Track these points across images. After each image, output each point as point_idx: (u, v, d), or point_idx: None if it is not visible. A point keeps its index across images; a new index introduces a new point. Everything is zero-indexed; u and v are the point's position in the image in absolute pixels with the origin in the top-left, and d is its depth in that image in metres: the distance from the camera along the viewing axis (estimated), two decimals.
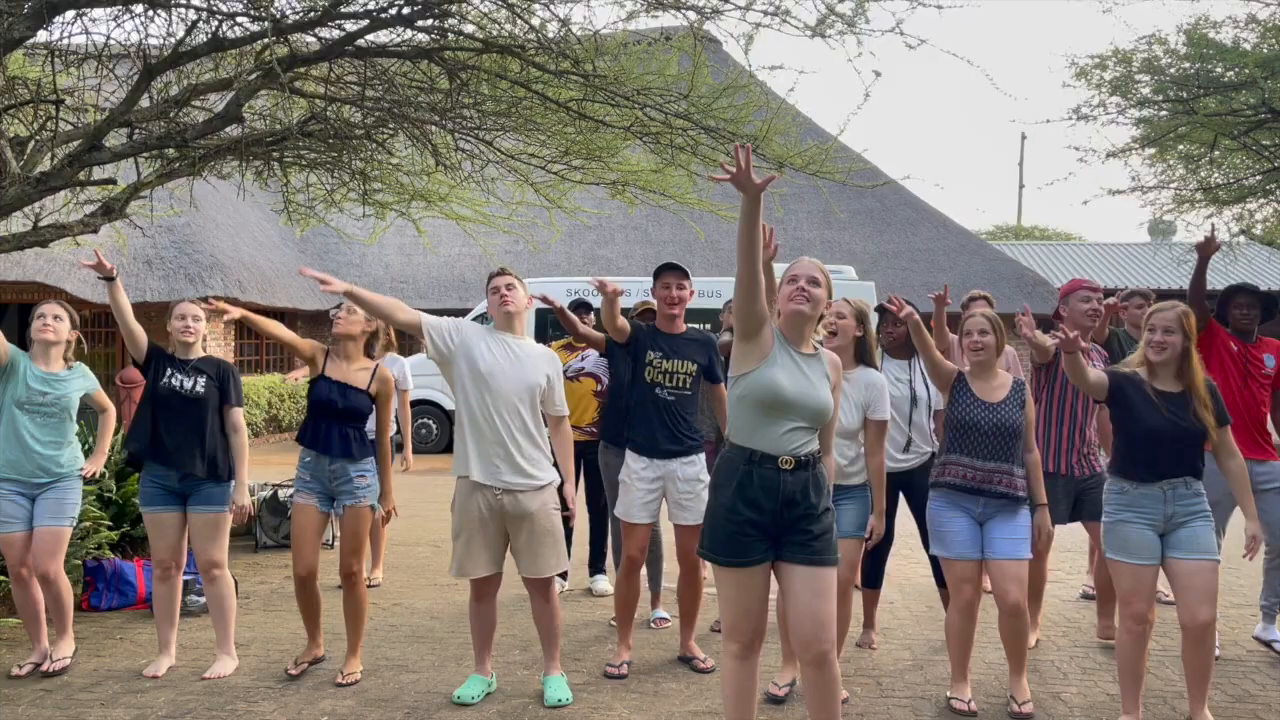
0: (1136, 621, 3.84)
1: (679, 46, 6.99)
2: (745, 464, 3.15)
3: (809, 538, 3.12)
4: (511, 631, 5.14)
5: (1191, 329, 3.87)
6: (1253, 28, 7.66)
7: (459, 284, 18.54)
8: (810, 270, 3.25)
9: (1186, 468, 3.82)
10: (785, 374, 3.14)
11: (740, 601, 3.15)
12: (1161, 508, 3.80)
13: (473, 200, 9.28)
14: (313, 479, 4.52)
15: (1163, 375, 3.89)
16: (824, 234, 19.66)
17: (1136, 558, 3.81)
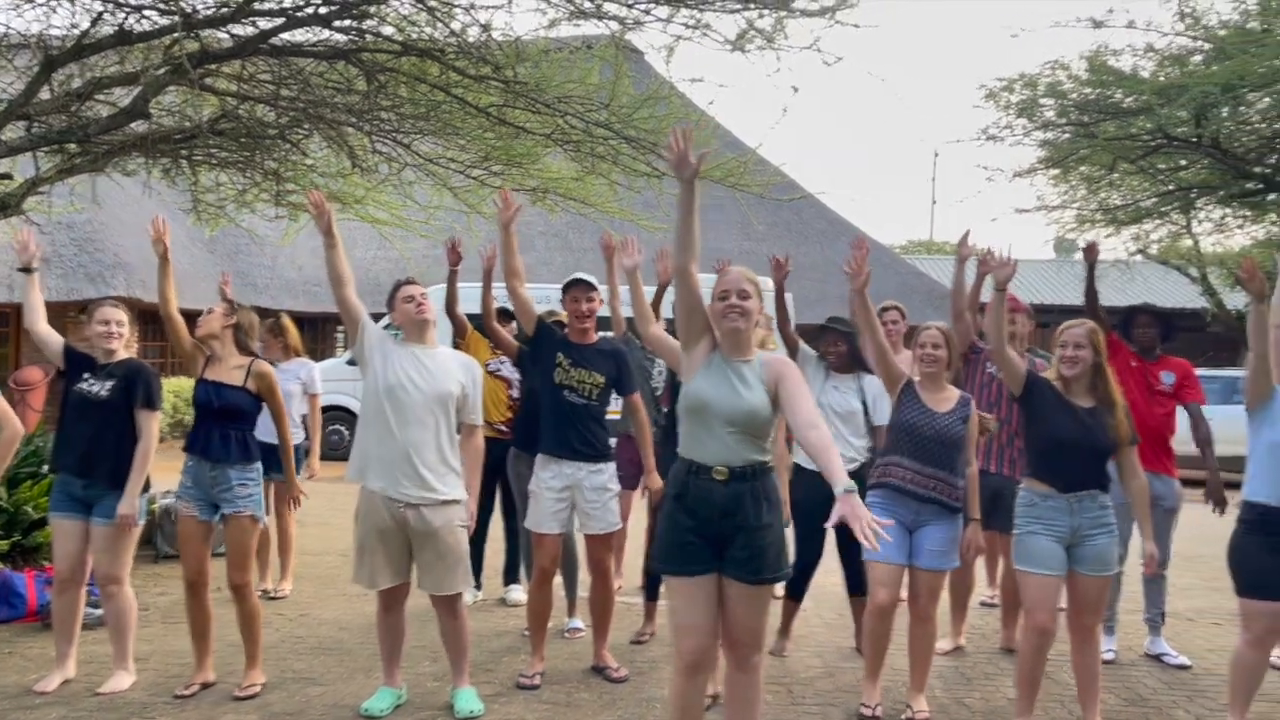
0: (1039, 633, 3.94)
1: (600, 56, 7.00)
2: (685, 474, 3.18)
3: (748, 554, 3.12)
4: (422, 642, 5.06)
5: (1101, 346, 3.99)
6: (1150, 56, 8.01)
7: (374, 288, 18.21)
8: (739, 283, 3.23)
9: (1094, 480, 3.94)
10: (711, 382, 3.16)
11: (688, 614, 3.15)
12: (1068, 520, 3.91)
13: (389, 203, 9.15)
14: (193, 485, 4.38)
15: (1076, 390, 4.00)
16: (742, 245, 19.86)
17: (1042, 569, 3.91)
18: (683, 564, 3.14)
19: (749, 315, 3.21)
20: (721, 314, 3.21)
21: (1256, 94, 7.34)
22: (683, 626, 3.16)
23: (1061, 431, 3.92)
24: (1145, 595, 5.28)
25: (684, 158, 3.06)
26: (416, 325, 4.16)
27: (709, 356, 3.23)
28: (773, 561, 3.16)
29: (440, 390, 4.04)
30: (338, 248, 4.11)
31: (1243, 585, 3.94)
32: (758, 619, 3.18)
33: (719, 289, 3.25)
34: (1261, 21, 7.35)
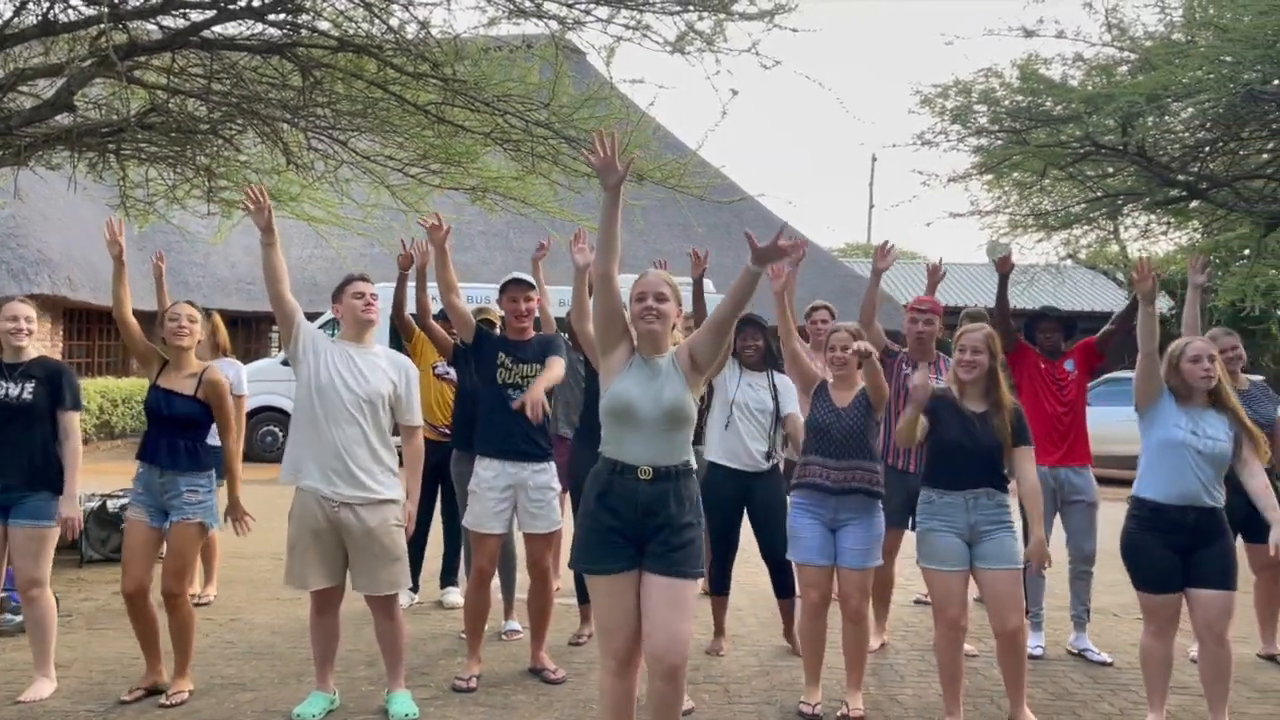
0: (950, 626, 4.04)
1: (541, 55, 6.97)
2: (609, 474, 3.19)
3: (668, 549, 3.14)
4: (357, 646, 4.99)
5: (997, 350, 4.11)
6: (1079, 66, 8.19)
7: (310, 287, 17.95)
8: (657, 286, 3.25)
9: (987, 480, 4.04)
10: (633, 383, 3.17)
11: (612, 612, 3.15)
12: (964, 516, 4.01)
13: (325, 201, 9.02)
14: (144, 491, 4.28)
15: (971, 393, 4.10)
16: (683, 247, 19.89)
17: (945, 564, 4.02)
18: (605, 561, 3.15)
19: (665, 318, 3.24)
20: (639, 316, 3.24)
21: (1180, 104, 7.55)
22: (608, 626, 3.16)
23: (952, 435, 4.02)
24: (1071, 592, 5.41)
25: (610, 163, 3.07)
26: (359, 323, 4.12)
27: (629, 359, 3.25)
28: (692, 558, 3.18)
29: (370, 389, 3.99)
30: (276, 245, 4.05)
31: (1140, 580, 4.08)
32: (680, 622, 3.11)
33: (636, 291, 3.27)
34: (1185, 34, 7.57)
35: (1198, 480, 3.97)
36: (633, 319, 3.27)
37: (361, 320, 4.11)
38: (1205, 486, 3.98)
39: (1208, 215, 10.00)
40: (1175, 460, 4.00)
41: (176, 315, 4.38)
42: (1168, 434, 4.03)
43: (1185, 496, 3.98)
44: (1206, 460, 3.97)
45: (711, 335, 3.24)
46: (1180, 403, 4.08)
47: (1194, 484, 3.98)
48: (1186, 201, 9.12)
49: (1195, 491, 3.98)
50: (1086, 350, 5.40)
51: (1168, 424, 4.05)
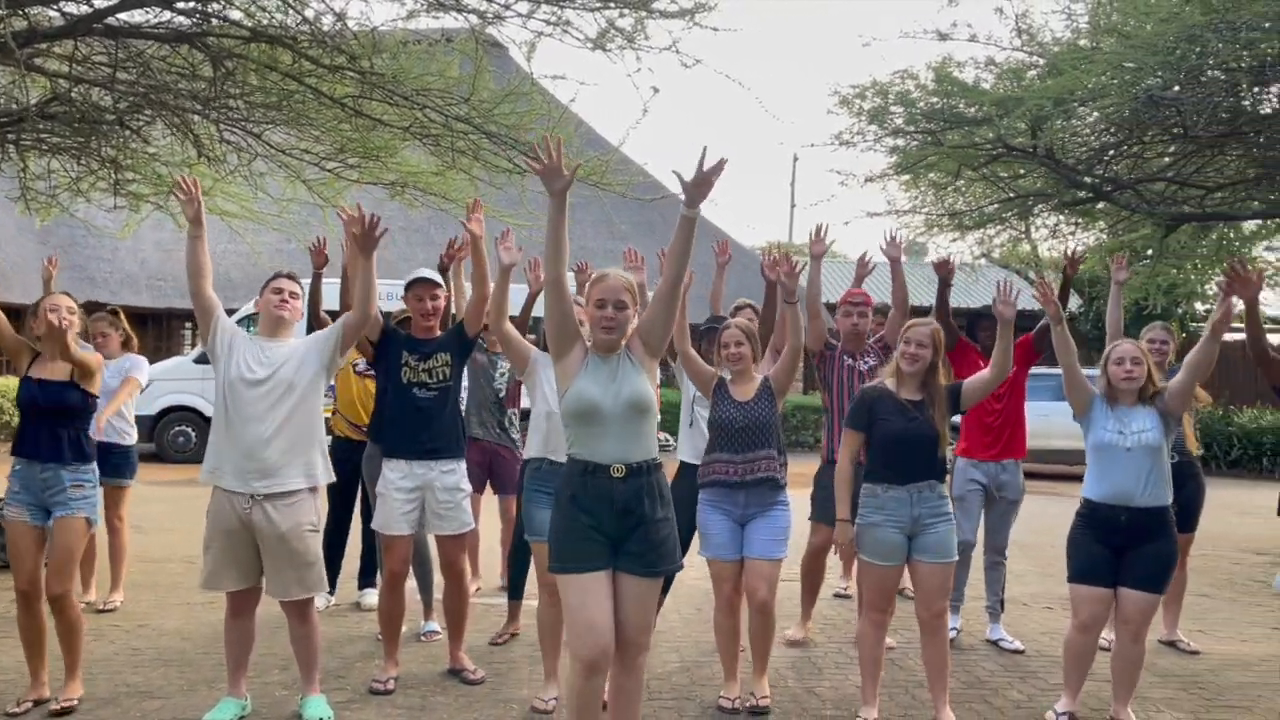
0: (878, 618, 4.14)
1: (461, 50, 6.89)
2: (580, 475, 3.17)
3: (645, 548, 3.16)
4: (272, 650, 4.88)
5: (940, 344, 4.20)
6: (991, 69, 8.41)
7: (224, 283, 17.51)
8: (618, 292, 3.22)
9: (929, 472, 4.12)
10: (594, 382, 3.17)
11: (585, 611, 3.10)
12: (909, 510, 4.08)
13: (239, 195, 8.80)
14: (23, 489, 4.11)
15: (908, 385, 4.18)
16: (607, 244, 19.95)
17: (884, 560, 4.09)
18: (583, 561, 3.13)
19: (624, 327, 3.23)
20: (597, 324, 3.22)
21: (1086, 108, 7.81)
22: (582, 625, 3.10)
23: (895, 427, 4.10)
24: (986, 584, 5.55)
25: (555, 169, 3.04)
26: (272, 319, 4.04)
27: (585, 359, 3.24)
28: (669, 554, 3.23)
29: (282, 379, 3.91)
30: (203, 239, 3.97)
31: (1071, 571, 4.23)
32: (648, 615, 3.23)
33: (595, 296, 3.24)
34: (1091, 40, 7.82)
35: (1128, 479, 4.10)
36: (590, 324, 3.25)
37: (274, 316, 4.03)
38: (1137, 484, 4.09)
39: (1113, 216, 10.34)
40: (1106, 461, 4.16)
41: (56, 306, 4.14)
42: (1098, 437, 4.20)
43: (1116, 496, 4.12)
44: (1136, 456, 4.10)
45: (660, 308, 3.25)
46: (1111, 404, 4.23)
47: (1124, 483, 4.11)
48: (1093, 203, 9.41)
49: (1126, 491, 4.11)
50: (1024, 348, 5.52)
51: (1097, 427, 4.21)
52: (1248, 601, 6.74)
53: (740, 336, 4.35)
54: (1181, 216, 8.95)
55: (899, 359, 4.19)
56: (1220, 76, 6.81)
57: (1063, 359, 4.23)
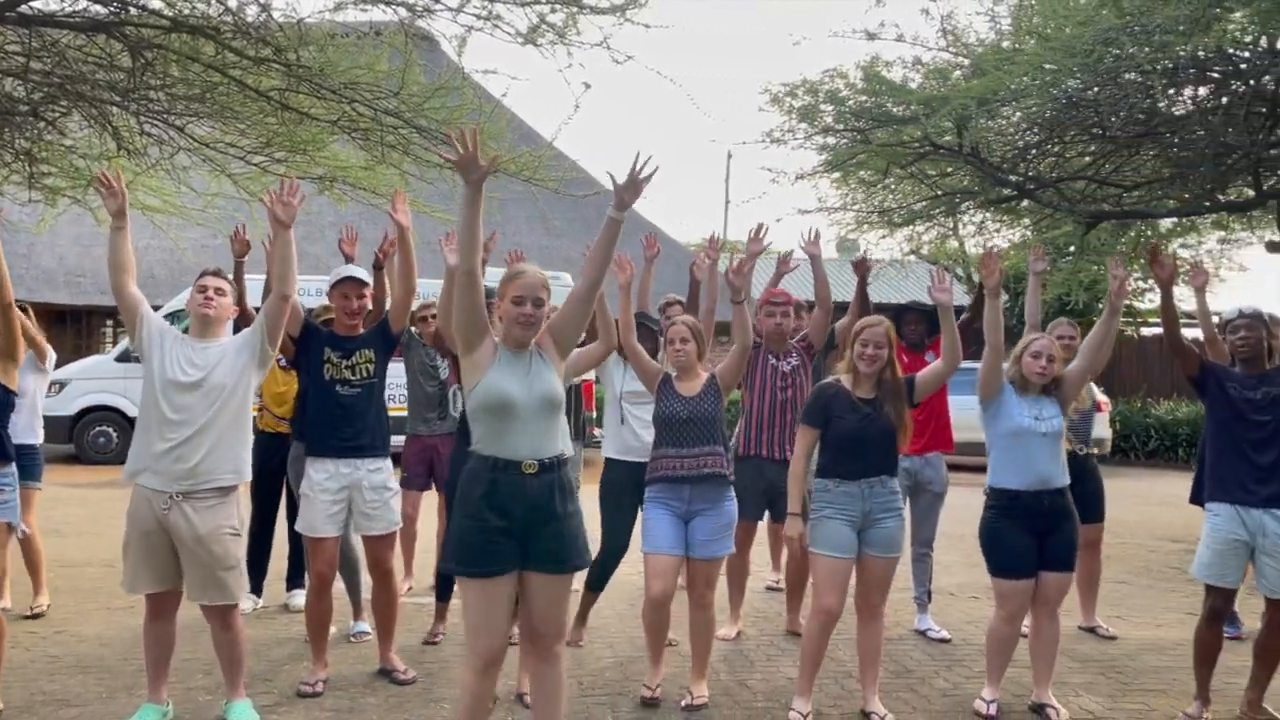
0: (826, 611, 4.15)
1: (390, 43, 6.81)
2: (490, 472, 3.12)
3: (557, 545, 3.15)
4: (195, 654, 4.77)
5: (894, 341, 4.25)
6: (918, 69, 8.54)
7: (147, 280, 17.07)
8: (535, 290, 3.21)
9: (882, 466, 4.17)
10: (509, 379, 3.15)
11: (487, 614, 3.10)
12: (860, 504, 4.12)
13: (161, 190, 8.61)
14: None
15: (863, 384, 4.22)
16: (541, 241, 19.86)
17: (835, 552, 4.12)
18: (485, 565, 3.10)
19: (539, 324, 3.22)
20: (515, 320, 3.19)
21: (1009, 108, 7.97)
22: (480, 626, 3.11)
23: (849, 426, 4.13)
24: (913, 575, 5.65)
25: (471, 159, 3.02)
26: (198, 318, 3.95)
27: (496, 353, 3.21)
28: (580, 550, 3.23)
29: (215, 382, 3.82)
30: (125, 233, 3.86)
31: (996, 566, 4.29)
32: (560, 608, 3.23)
33: (512, 292, 3.21)
34: (1013, 41, 7.99)
35: (1046, 463, 4.23)
36: (506, 320, 3.22)
37: (198, 315, 3.94)
38: (1053, 467, 4.24)
39: (1036, 214, 10.58)
40: (1024, 448, 4.24)
41: None
42: (1014, 423, 4.26)
43: (1038, 481, 4.23)
44: (1051, 441, 4.24)
45: (576, 308, 3.26)
46: (1020, 393, 4.33)
47: (1044, 468, 4.23)
48: (1017, 201, 9.63)
49: (1047, 475, 4.23)
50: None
51: (1013, 414, 4.28)
52: (1163, 588, 6.96)
53: (687, 333, 4.35)
54: (1101, 214, 9.20)
55: (856, 360, 4.20)
56: (1136, 78, 7.00)
57: (991, 336, 4.25)
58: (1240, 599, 4.90)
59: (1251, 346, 4.31)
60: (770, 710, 4.30)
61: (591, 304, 3.30)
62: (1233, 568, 4.19)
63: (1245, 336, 4.32)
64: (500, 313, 3.26)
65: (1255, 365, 4.33)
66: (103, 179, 3.82)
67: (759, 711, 4.29)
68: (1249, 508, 4.17)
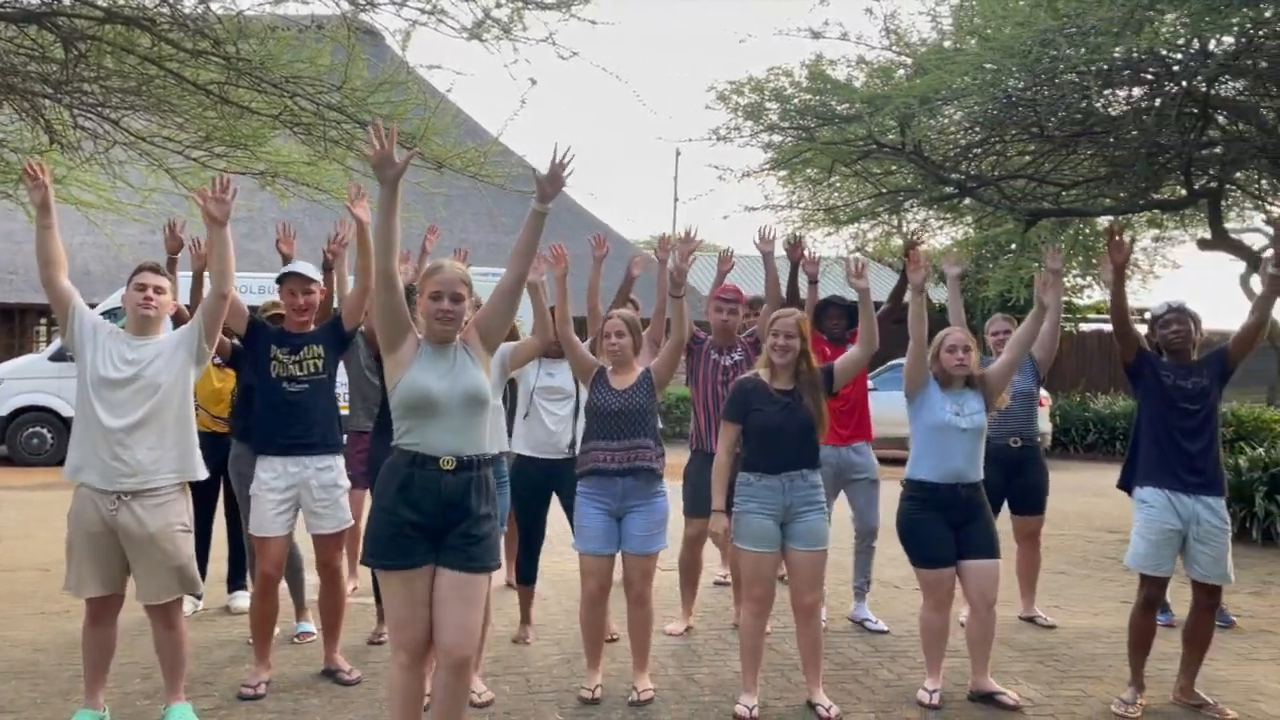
0: (757, 604, 4.21)
1: (333, 37, 6.72)
2: (407, 466, 3.10)
3: (468, 542, 3.11)
4: (133, 658, 4.68)
5: (807, 333, 4.29)
6: (862, 68, 8.65)
7: (83, 276, 16.67)
8: (454, 285, 3.18)
9: (802, 460, 4.21)
10: (431, 374, 3.12)
11: (406, 607, 3.09)
12: (781, 498, 4.16)
13: (97, 184, 8.41)
14: None
15: (781, 376, 4.27)
16: (489, 237, 19.76)
17: (758, 546, 4.16)
18: (400, 556, 3.08)
19: (459, 320, 3.20)
20: (433, 315, 3.16)
21: (951, 107, 8.11)
22: (401, 619, 3.10)
23: (769, 418, 4.18)
24: (855, 565, 5.72)
25: (387, 156, 2.99)
26: (137, 318, 3.86)
27: (418, 350, 3.19)
28: (490, 551, 3.18)
29: (149, 378, 3.75)
30: (53, 227, 3.76)
31: (919, 558, 4.39)
32: (471, 614, 3.13)
33: (430, 288, 3.19)
34: (955, 41, 8.12)
35: (964, 458, 4.32)
36: (425, 316, 3.20)
37: (139, 314, 3.85)
38: (970, 462, 4.35)
39: (978, 212, 10.78)
40: (942, 441, 4.34)
41: None
42: (936, 417, 4.36)
43: (954, 474, 4.32)
44: (971, 436, 4.33)
45: (502, 302, 3.25)
46: (943, 387, 4.42)
47: (960, 462, 4.32)
48: (959, 199, 9.78)
49: (962, 469, 4.33)
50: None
51: (934, 408, 4.38)
52: (1100, 577, 7.13)
53: (623, 327, 4.36)
54: (1040, 212, 9.38)
55: (769, 351, 4.27)
56: (1073, 79, 7.15)
57: (915, 331, 4.35)
58: (1172, 589, 5.04)
59: (1180, 338, 4.44)
60: (717, 704, 4.32)
61: (517, 298, 3.29)
62: (1167, 557, 4.31)
63: (1176, 330, 4.44)
64: (420, 309, 3.24)
65: (1183, 357, 4.45)
66: (28, 169, 3.72)
67: (706, 705, 4.31)
68: (1181, 495, 4.28)
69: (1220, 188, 8.65)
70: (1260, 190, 9.89)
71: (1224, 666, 4.98)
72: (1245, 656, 5.21)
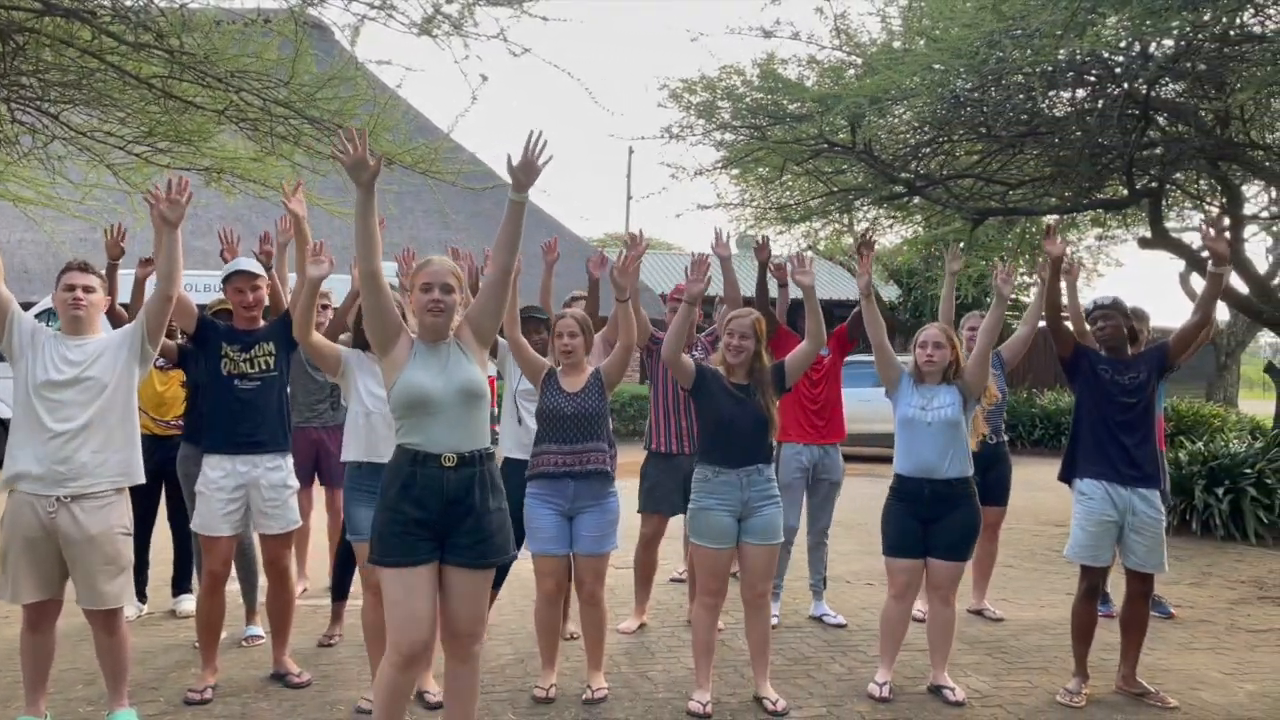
0: (710, 597, 4.23)
1: (280, 31, 6.62)
2: (410, 464, 3.11)
3: (475, 539, 3.13)
4: (75, 664, 4.58)
5: (762, 333, 4.31)
6: (813, 67, 8.69)
7: (20, 275, 16.26)
8: (443, 276, 3.21)
9: (758, 455, 4.24)
10: (424, 373, 3.14)
11: (410, 604, 3.08)
12: (739, 494, 4.18)
13: (35, 181, 8.21)
14: None
15: (737, 373, 4.29)
16: (441, 235, 19.59)
17: (715, 542, 4.18)
18: (406, 554, 3.09)
19: (451, 311, 3.21)
20: (425, 308, 3.18)
21: (900, 107, 8.19)
22: (404, 618, 3.08)
23: (727, 411, 4.20)
24: (810, 563, 5.76)
25: (361, 159, 3.00)
26: (68, 319, 3.79)
27: (412, 349, 3.20)
28: (500, 545, 3.22)
29: (92, 377, 3.68)
30: None
31: (885, 545, 4.48)
32: (480, 606, 3.23)
33: (420, 280, 3.21)
34: (904, 42, 8.20)
35: (931, 452, 4.36)
36: (416, 309, 3.22)
37: (69, 316, 3.78)
38: (940, 458, 4.36)
39: (927, 210, 10.89)
40: (910, 436, 4.41)
41: None
42: (902, 412, 4.45)
43: (921, 469, 4.37)
44: (936, 431, 4.35)
45: (491, 296, 3.27)
46: (918, 383, 4.48)
47: (927, 456, 4.36)
48: (908, 198, 9.88)
49: (930, 464, 4.36)
50: (839, 336, 5.73)
51: (903, 403, 4.47)
52: (1047, 570, 7.27)
53: (575, 328, 4.34)
54: (987, 211, 9.51)
55: (724, 351, 4.28)
56: (1019, 80, 7.26)
57: (873, 334, 4.49)
58: (1111, 581, 5.15)
59: (1112, 334, 4.53)
60: (671, 701, 4.33)
61: (506, 290, 3.30)
62: (1105, 547, 4.40)
63: (1103, 326, 4.55)
64: (411, 304, 3.26)
65: (1119, 352, 4.55)
66: None
67: (660, 703, 4.32)
68: (1118, 487, 4.38)
69: (1160, 187, 8.82)
70: (1199, 190, 10.11)
71: (1165, 656, 5.10)
72: (1185, 646, 5.34)
